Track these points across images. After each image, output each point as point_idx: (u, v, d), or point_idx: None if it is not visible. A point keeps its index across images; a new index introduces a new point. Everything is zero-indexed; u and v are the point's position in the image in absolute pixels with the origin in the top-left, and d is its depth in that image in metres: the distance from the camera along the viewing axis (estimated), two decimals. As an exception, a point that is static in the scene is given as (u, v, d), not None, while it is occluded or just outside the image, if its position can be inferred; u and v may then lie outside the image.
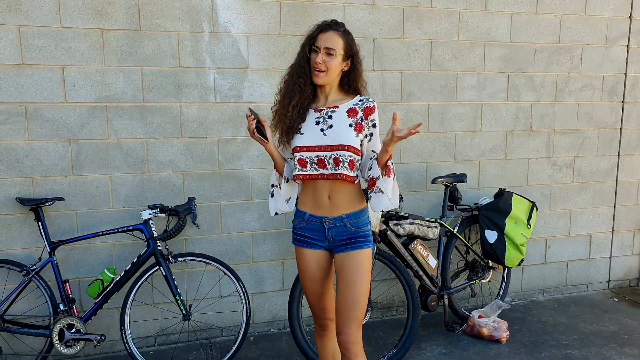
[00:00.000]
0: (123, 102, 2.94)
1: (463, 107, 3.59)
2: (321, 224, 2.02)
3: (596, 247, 4.09)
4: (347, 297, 1.96)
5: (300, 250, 2.08)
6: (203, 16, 3.00)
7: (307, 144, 1.96)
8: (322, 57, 1.91)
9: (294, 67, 2.00)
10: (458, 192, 3.42)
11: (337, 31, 1.94)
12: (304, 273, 2.10)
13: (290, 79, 2.00)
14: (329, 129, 1.96)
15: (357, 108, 1.99)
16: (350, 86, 2.04)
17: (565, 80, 3.80)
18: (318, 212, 2.02)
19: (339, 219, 2.00)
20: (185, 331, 3.19)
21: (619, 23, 3.85)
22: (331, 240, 2.02)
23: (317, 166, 1.97)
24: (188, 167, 3.09)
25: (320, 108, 2.01)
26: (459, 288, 3.41)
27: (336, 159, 1.95)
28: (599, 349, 3.13)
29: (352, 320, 1.96)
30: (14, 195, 2.83)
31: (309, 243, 2.05)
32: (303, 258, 2.08)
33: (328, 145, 1.94)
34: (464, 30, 3.50)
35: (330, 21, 1.97)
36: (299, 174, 2.00)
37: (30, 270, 2.73)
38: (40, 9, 2.75)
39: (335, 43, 1.92)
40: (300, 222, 2.07)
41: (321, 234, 2.03)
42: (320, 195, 2.00)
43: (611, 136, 3.98)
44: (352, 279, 1.96)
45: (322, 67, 1.92)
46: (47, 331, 2.71)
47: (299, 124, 1.98)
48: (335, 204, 1.99)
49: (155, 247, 2.80)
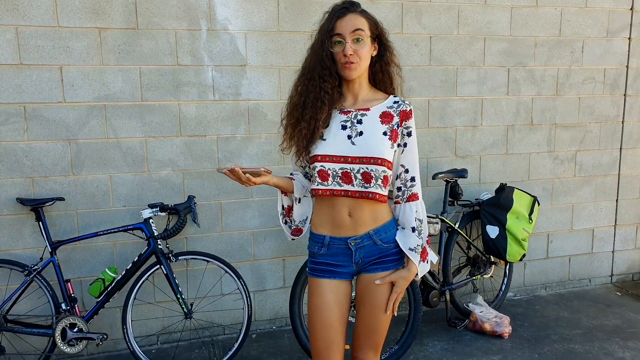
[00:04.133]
0: (121, 101, 2.94)
1: (463, 102, 3.57)
2: (346, 246, 1.68)
3: (599, 241, 4.08)
4: (366, 324, 1.72)
5: (320, 282, 1.70)
6: (200, 14, 2.99)
7: (330, 153, 1.63)
8: (350, 46, 1.57)
9: (309, 70, 1.65)
10: (459, 188, 3.40)
11: (356, 12, 1.62)
12: (318, 311, 1.70)
13: (309, 85, 1.64)
14: (359, 136, 1.62)
15: (392, 112, 1.66)
16: (383, 74, 1.71)
17: (566, 73, 3.77)
18: (339, 232, 1.68)
19: (367, 236, 1.67)
20: (187, 329, 3.20)
21: (621, 15, 3.82)
22: (359, 264, 1.70)
23: (340, 180, 1.63)
24: (188, 165, 3.09)
25: (347, 109, 1.67)
26: (461, 284, 3.40)
27: (366, 174, 1.62)
28: (602, 343, 3.12)
29: (371, 347, 1.75)
30: (15, 195, 2.84)
31: (333, 272, 1.70)
32: (321, 292, 1.70)
33: (357, 157, 1.61)
34: (463, 24, 3.48)
35: (344, 3, 1.64)
36: (318, 189, 1.66)
37: (32, 270, 2.74)
38: (38, 8, 2.75)
39: (361, 23, 1.60)
40: (319, 249, 1.71)
41: (347, 257, 1.69)
42: (339, 213, 1.67)
43: (613, 129, 3.96)
44: (374, 304, 1.69)
45: (355, 57, 1.59)
46: (50, 330, 2.72)
47: (322, 129, 1.65)
48: (358, 221, 1.66)
49: (156, 246, 2.80)
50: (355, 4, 1.65)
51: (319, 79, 1.62)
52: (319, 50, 1.62)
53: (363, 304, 1.72)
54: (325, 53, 1.61)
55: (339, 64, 1.62)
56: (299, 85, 1.70)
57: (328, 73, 1.62)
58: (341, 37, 1.59)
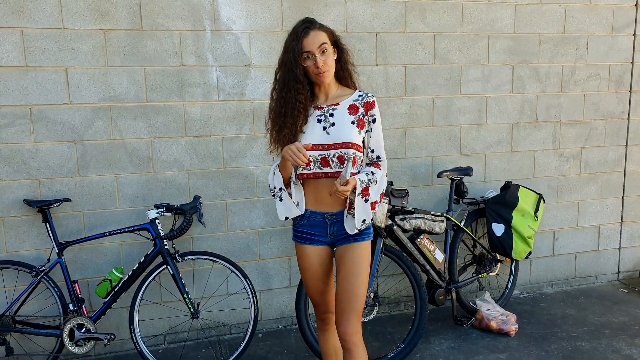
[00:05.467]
0: (127, 102, 2.95)
1: (468, 100, 3.56)
2: (323, 220, 2.02)
3: (605, 238, 4.06)
4: (346, 288, 1.97)
5: (302, 247, 2.09)
6: (204, 14, 2.99)
7: (310, 143, 1.95)
8: (320, 59, 1.89)
9: (285, 84, 1.93)
10: (464, 186, 3.40)
11: (316, 28, 1.91)
12: (306, 270, 2.10)
13: (286, 97, 1.93)
14: (332, 127, 1.96)
15: (357, 104, 1.99)
16: (343, 72, 2.03)
17: (571, 70, 3.76)
18: (319, 208, 2.02)
19: (340, 213, 2.01)
20: (194, 329, 3.21)
21: (625, 11, 3.80)
22: (333, 235, 2.04)
23: (320, 165, 1.96)
24: (193, 165, 3.10)
25: (320, 106, 2.00)
26: (467, 282, 3.39)
27: (340, 157, 1.94)
28: (609, 340, 3.11)
29: (351, 312, 1.97)
30: (22, 197, 2.85)
31: (311, 240, 2.06)
32: (305, 255, 2.08)
33: (332, 144, 1.94)
34: (467, 22, 3.47)
35: (304, 23, 1.93)
36: (303, 173, 2.00)
37: (39, 271, 2.75)
38: (43, 11, 2.76)
39: (323, 38, 1.91)
40: (301, 219, 2.06)
41: (323, 229, 2.04)
42: (320, 192, 2.00)
43: (618, 126, 3.94)
44: (352, 270, 1.97)
45: (325, 66, 1.91)
46: (58, 331, 2.74)
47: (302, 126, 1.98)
48: (336, 199, 1.99)
49: (162, 246, 2.81)
50: (313, 22, 1.94)
51: (294, 92, 1.92)
52: (293, 68, 1.90)
53: (342, 272, 2.00)
54: (299, 70, 1.90)
55: (313, 75, 1.93)
56: (275, 95, 1.99)
57: (301, 86, 1.92)
58: (310, 53, 1.89)
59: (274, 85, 2.01)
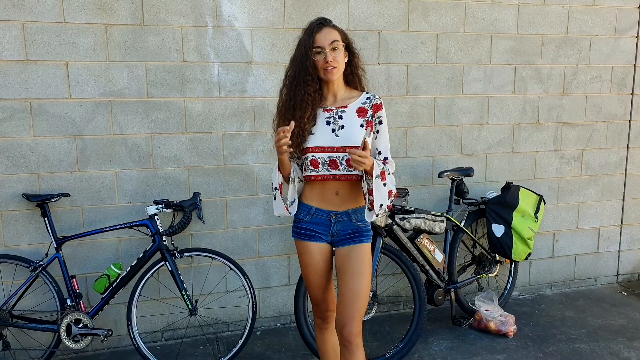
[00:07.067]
0: (127, 98, 2.94)
1: (469, 100, 3.55)
2: (328, 218, 2.03)
3: (605, 240, 4.06)
4: (350, 289, 1.97)
5: (304, 243, 2.08)
6: (207, 10, 2.98)
7: (319, 145, 1.96)
8: (330, 54, 1.92)
9: (295, 77, 1.97)
10: (465, 186, 3.39)
11: (329, 26, 1.96)
12: (309, 267, 2.09)
13: (296, 90, 1.96)
14: (341, 129, 1.96)
15: (365, 107, 2.00)
16: (353, 76, 2.06)
17: (573, 72, 3.75)
18: (325, 206, 2.02)
19: (346, 213, 2.01)
20: (192, 326, 3.20)
21: (629, 13, 3.79)
22: (335, 234, 2.04)
23: (329, 167, 1.97)
24: (193, 162, 3.09)
25: (329, 107, 2.00)
26: (466, 282, 3.39)
27: (349, 160, 1.92)
28: (607, 343, 3.11)
29: (355, 313, 1.96)
30: (20, 191, 2.84)
31: (313, 236, 2.06)
32: (308, 251, 2.07)
33: (341, 147, 1.94)
34: (470, 22, 3.46)
35: (318, 20, 1.97)
36: (311, 175, 2.00)
37: (37, 265, 2.74)
38: (44, 4, 2.75)
39: (336, 35, 1.94)
40: (305, 216, 2.06)
41: (326, 227, 2.04)
42: (328, 192, 2.01)
43: (620, 128, 3.93)
44: (355, 271, 1.97)
45: (334, 62, 1.93)
46: (55, 326, 2.73)
47: (310, 126, 1.98)
48: (343, 199, 2.01)
49: (161, 243, 2.80)
50: (327, 20, 1.98)
51: (304, 84, 1.94)
52: (303, 60, 1.94)
53: (344, 272, 2.00)
54: (309, 62, 1.93)
55: (321, 70, 1.94)
56: (284, 91, 2.01)
57: (311, 78, 1.94)
58: (321, 48, 1.92)
59: (283, 82, 2.03)
